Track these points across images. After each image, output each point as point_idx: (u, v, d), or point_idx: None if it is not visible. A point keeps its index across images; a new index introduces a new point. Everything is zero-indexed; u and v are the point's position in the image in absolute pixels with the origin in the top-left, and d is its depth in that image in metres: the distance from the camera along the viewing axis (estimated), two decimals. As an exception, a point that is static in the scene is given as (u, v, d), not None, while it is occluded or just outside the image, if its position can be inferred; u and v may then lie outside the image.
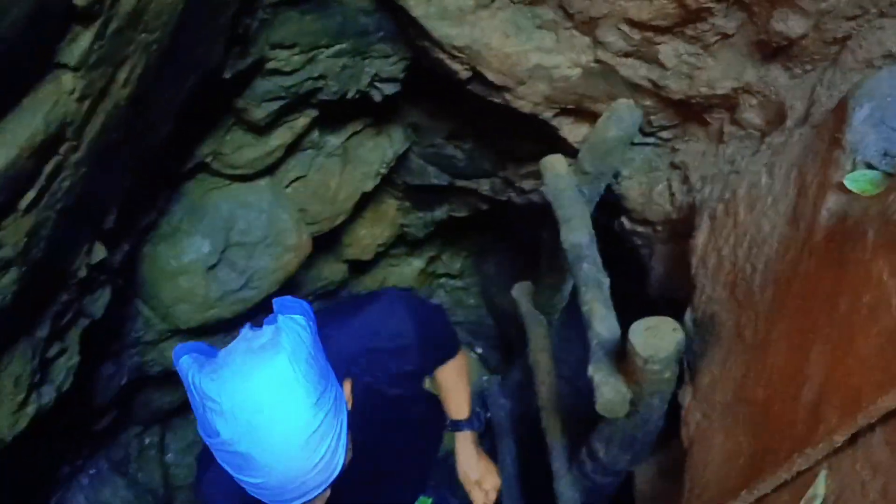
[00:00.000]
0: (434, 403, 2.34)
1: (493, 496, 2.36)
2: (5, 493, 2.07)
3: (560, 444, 2.40)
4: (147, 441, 3.72)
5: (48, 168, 1.47)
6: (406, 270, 3.79)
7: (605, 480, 2.16)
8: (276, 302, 1.47)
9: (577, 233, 2.06)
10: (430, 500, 2.54)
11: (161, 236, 2.22)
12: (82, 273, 1.78)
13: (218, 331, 2.58)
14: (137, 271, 2.22)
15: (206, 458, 1.97)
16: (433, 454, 2.50)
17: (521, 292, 2.92)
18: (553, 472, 2.39)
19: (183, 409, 3.58)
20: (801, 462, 1.13)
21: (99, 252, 1.82)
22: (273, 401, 1.31)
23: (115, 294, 2.06)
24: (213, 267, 2.25)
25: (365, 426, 1.89)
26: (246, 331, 1.42)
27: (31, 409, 1.78)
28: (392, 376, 1.88)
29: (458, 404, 2.28)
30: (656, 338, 1.56)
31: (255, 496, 1.47)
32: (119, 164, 1.88)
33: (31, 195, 1.45)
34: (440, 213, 3.20)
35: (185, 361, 1.38)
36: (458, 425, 2.30)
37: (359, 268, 3.34)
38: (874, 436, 1.03)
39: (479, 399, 2.37)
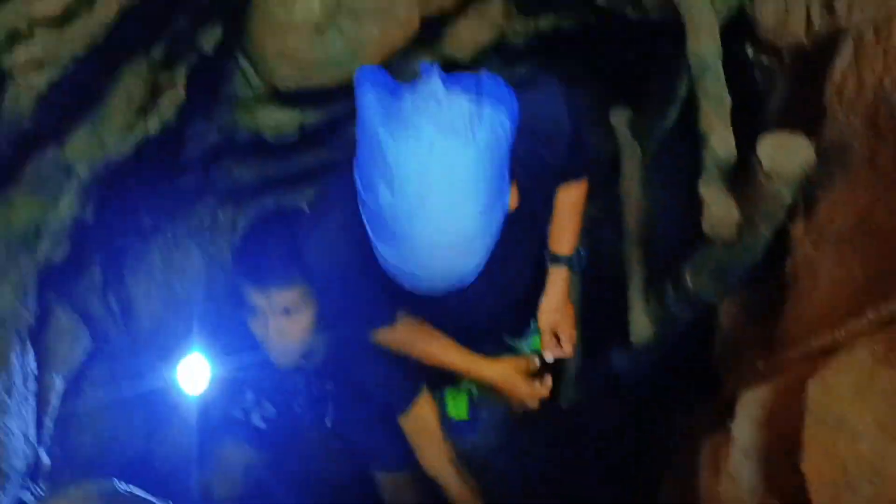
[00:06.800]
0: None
1: (567, 349, 2.22)
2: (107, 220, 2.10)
3: (639, 274, 2.37)
4: (221, 218, 3.82)
5: None
6: (494, 86, 3.68)
7: (685, 312, 2.10)
8: (483, 80, 1.32)
9: (705, 44, 1.94)
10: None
11: (272, -13, 2.14)
12: (206, -7, 1.74)
13: (315, 99, 2.54)
14: (244, 22, 2.16)
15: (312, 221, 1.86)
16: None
17: (619, 119, 2.82)
18: (628, 303, 2.35)
19: (258, 192, 3.63)
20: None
21: (223, -23, 1.76)
22: (443, 192, 1.24)
23: (224, 35, 2.03)
24: (321, 29, 2.18)
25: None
26: (436, 84, 1.27)
27: (138, 132, 1.80)
28: (538, 165, 1.75)
29: (565, 235, 2.15)
30: (787, 153, 1.49)
31: (385, 264, 1.41)
32: None
33: None
34: (545, 22, 3.03)
35: (368, 98, 1.28)
36: (557, 259, 2.18)
37: (451, 69, 3.23)
38: None
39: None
